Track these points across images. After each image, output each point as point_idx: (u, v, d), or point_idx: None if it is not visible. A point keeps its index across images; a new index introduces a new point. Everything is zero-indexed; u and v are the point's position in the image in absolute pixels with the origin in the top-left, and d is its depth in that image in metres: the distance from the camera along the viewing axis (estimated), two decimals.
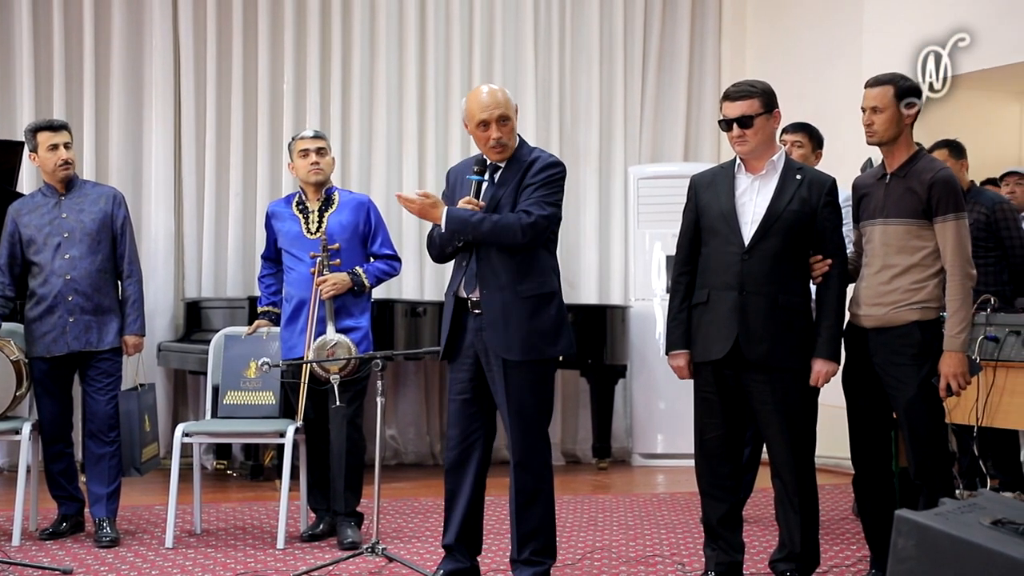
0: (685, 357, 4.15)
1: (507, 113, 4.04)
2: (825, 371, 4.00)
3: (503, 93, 4.08)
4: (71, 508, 5.12)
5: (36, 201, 5.11)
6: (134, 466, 5.01)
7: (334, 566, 4.53)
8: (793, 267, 4.03)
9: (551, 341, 4.06)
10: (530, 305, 4.02)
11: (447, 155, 7.86)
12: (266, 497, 6.20)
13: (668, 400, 7.52)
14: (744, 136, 4.03)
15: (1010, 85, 7.24)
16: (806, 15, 8.00)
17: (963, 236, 3.99)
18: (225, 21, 7.47)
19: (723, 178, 4.14)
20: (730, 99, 4.06)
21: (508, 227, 3.97)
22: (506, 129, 4.04)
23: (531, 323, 4.01)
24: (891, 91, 4.04)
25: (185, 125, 7.41)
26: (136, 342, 5.13)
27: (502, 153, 4.07)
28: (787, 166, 4.09)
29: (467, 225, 3.98)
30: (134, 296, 5.12)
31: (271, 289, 5.32)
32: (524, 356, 4.01)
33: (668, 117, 8.48)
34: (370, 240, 5.17)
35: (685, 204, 4.22)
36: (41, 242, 5.01)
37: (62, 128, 5.07)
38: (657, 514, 5.87)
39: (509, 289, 4.01)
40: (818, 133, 5.31)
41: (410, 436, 7.76)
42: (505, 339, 4.00)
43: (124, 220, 5.13)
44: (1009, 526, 2.79)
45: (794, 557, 4.10)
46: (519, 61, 8.06)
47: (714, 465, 4.15)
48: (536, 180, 4.04)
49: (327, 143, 5.18)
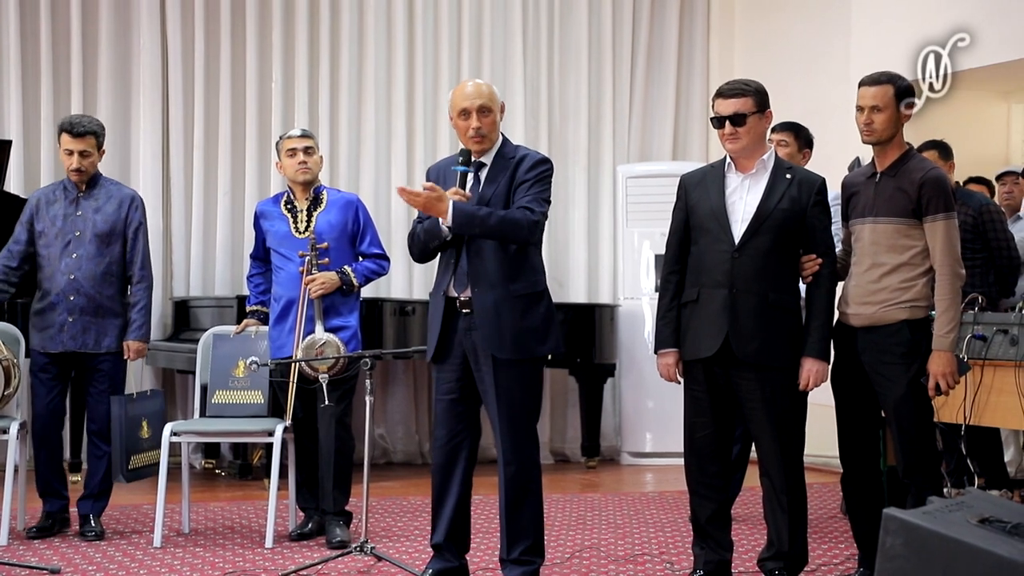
0: (674, 356, 4.15)
1: (488, 105, 4.05)
2: (815, 370, 4.01)
3: (488, 87, 4.09)
4: (55, 505, 5.10)
5: (56, 194, 5.11)
6: (121, 472, 4.96)
7: (323, 565, 4.52)
8: (783, 266, 4.04)
9: (540, 340, 4.06)
10: (522, 304, 4.02)
11: (435, 154, 7.85)
12: (255, 496, 6.19)
13: (657, 399, 7.53)
14: (736, 134, 4.03)
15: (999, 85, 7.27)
16: (794, 14, 8.01)
17: (952, 236, 4.00)
18: (213, 19, 7.46)
19: (713, 177, 4.15)
20: (723, 96, 4.07)
21: (516, 222, 3.96)
22: (486, 120, 4.04)
23: (522, 322, 4.01)
24: (891, 90, 4.05)
25: (173, 124, 7.39)
26: (138, 347, 5.10)
27: (481, 144, 4.07)
28: (777, 165, 4.10)
29: (475, 219, 3.95)
30: (142, 301, 5.09)
31: (260, 288, 5.31)
32: (515, 355, 4.01)
33: (656, 115, 8.48)
34: (359, 239, 5.17)
35: (675, 203, 4.22)
36: (52, 236, 5.01)
37: (85, 134, 4.99)
38: (646, 512, 5.88)
39: (501, 287, 4.00)
40: (806, 133, 5.31)
41: (399, 435, 7.76)
42: (497, 337, 4.00)
43: (139, 224, 5.11)
44: (997, 524, 2.80)
45: (782, 556, 4.10)
46: (507, 59, 8.06)
47: (703, 463, 4.16)
48: (530, 177, 4.04)
49: (315, 142, 5.18)
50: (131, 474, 4.99)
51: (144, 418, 5.08)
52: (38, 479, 5.10)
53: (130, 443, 4.96)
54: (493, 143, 4.11)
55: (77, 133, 5.00)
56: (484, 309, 4.01)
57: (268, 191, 7.45)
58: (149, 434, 5.08)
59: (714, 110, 4.11)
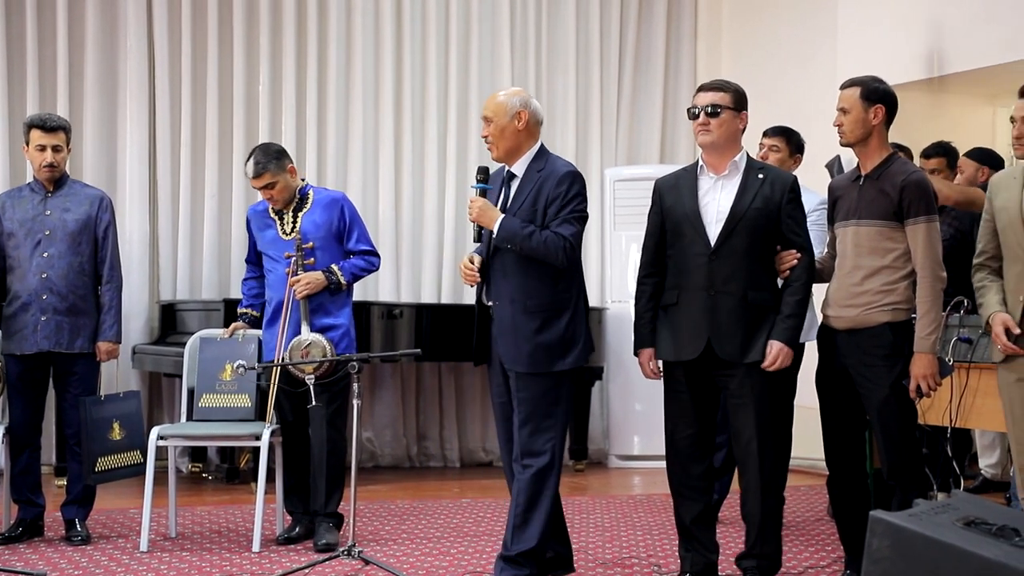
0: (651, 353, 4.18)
1: (488, 115, 4.17)
2: (783, 354, 3.97)
3: (504, 96, 4.22)
4: (29, 513, 5.06)
5: (23, 195, 5.08)
6: (88, 474, 4.93)
7: (310, 569, 4.51)
8: (760, 265, 4.06)
9: (559, 355, 4.12)
10: (539, 318, 4.10)
11: (423, 155, 7.86)
12: (242, 500, 6.18)
13: (644, 402, 7.52)
14: (708, 125, 4.06)
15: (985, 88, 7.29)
16: (781, 17, 8.03)
17: (934, 239, 4.02)
18: (200, 21, 7.44)
19: (686, 180, 4.18)
20: (703, 90, 4.14)
21: (554, 248, 4.06)
22: (490, 128, 4.16)
23: (538, 337, 4.09)
24: (858, 92, 4.08)
25: (160, 126, 7.37)
26: (110, 348, 5.09)
27: (491, 151, 4.20)
28: (749, 165, 4.13)
29: (517, 236, 4.06)
30: (112, 302, 5.07)
31: (252, 292, 5.30)
32: (530, 368, 4.09)
33: (644, 119, 8.49)
34: (346, 236, 5.15)
35: (650, 207, 4.25)
36: (21, 237, 4.97)
37: (56, 129, 4.98)
38: (633, 516, 5.88)
39: (519, 302, 4.10)
40: (798, 138, 5.33)
41: (387, 439, 7.74)
42: (513, 350, 4.11)
43: (108, 224, 5.09)
44: (982, 526, 2.81)
45: (756, 555, 4.13)
46: (495, 62, 8.05)
47: (686, 465, 4.17)
48: (558, 194, 4.12)
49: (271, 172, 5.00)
50: (98, 476, 4.93)
51: (116, 419, 5.02)
52: (12, 486, 5.06)
53: (96, 445, 4.91)
54: (511, 152, 4.21)
55: (49, 128, 4.97)
56: (503, 322, 4.13)
57: (255, 194, 7.39)
58: (122, 435, 5.03)
59: (692, 103, 4.14)
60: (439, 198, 7.89)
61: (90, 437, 4.90)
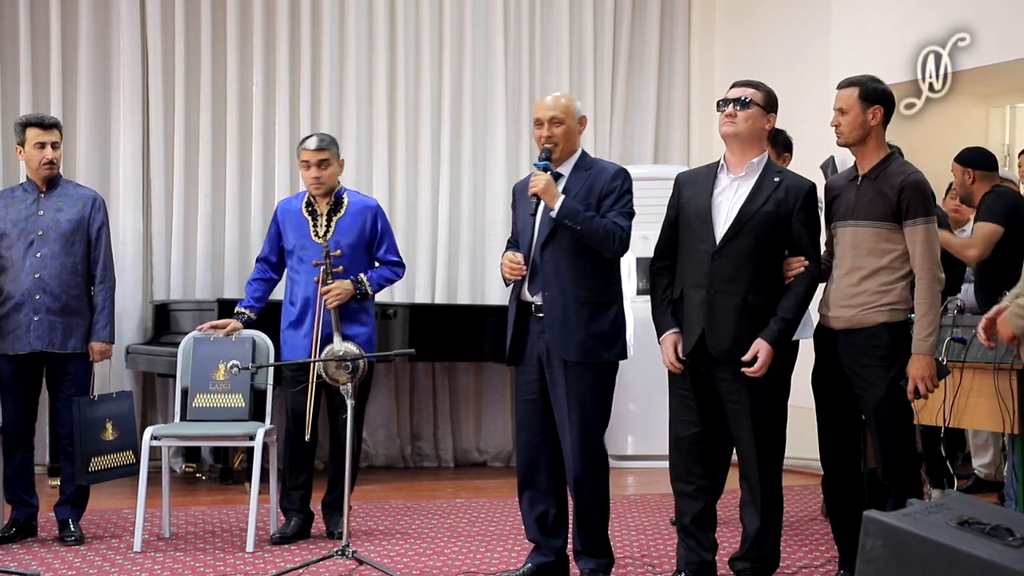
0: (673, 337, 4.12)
1: (559, 116, 4.22)
2: (764, 353, 3.94)
3: (567, 99, 4.29)
4: (22, 513, 5.06)
5: (15, 195, 5.07)
6: (81, 474, 4.93)
7: (304, 569, 4.51)
8: (765, 268, 4.05)
9: (607, 345, 4.19)
10: (589, 310, 4.16)
11: (417, 155, 7.85)
12: (235, 500, 6.17)
13: (638, 402, 7.53)
14: (735, 116, 4.05)
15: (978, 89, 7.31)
16: (775, 17, 8.04)
17: (932, 240, 4.02)
18: (193, 21, 7.42)
19: (705, 176, 4.18)
20: (737, 85, 4.13)
21: (610, 234, 4.13)
22: (558, 131, 4.22)
23: (589, 327, 4.15)
24: (856, 93, 4.08)
25: (153, 126, 7.36)
26: (102, 348, 5.08)
27: (553, 152, 4.23)
28: (767, 168, 4.10)
29: (579, 215, 4.10)
30: (105, 302, 5.07)
31: (256, 295, 5.29)
32: (581, 358, 4.14)
33: (637, 119, 8.49)
34: (375, 245, 5.23)
35: (669, 200, 4.26)
36: (14, 237, 4.97)
37: (53, 127, 5.02)
38: (627, 516, 5.88)
39: (571, 293, 4.15)
40: (784, 137, 5.31)
41: (380, 439, 7.74)
42: (564, 340, 4.14)
43: (101, 225, 5.09)
44: (976, 526, 2.82)
45: (752, 557, 4.13)
46: (489, 63, 8.05)
47: (689, 463, 4.17)
48: (614, 188, 4.20)
49: (331, 152, 5.14)
50: (91, 476, 4.93)
51: (108, 419, 5.03)
52: (5, 486, 5.06)
53: (90, 445, 4.91)
54: (569, 153, 4.27)
55: (47, 125, 5.00)
56: (554, 312, 4.16)
57: (249, 194, 7.44)
58: (115, 435, 5.03)
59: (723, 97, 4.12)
60: (433, 198, 7.89)
61: (83, 437, 4.90)
